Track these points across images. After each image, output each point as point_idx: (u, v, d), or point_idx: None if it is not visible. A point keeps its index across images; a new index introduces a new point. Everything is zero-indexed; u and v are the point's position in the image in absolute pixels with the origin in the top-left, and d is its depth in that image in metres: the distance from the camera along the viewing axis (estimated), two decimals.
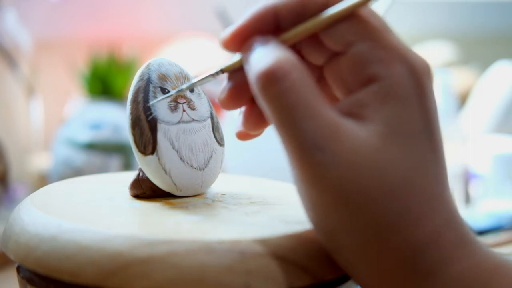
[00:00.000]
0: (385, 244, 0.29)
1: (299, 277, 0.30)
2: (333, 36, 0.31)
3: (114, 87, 0.91)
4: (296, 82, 0.29)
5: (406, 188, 0.29)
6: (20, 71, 0.78)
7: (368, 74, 0.30)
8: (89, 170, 0.69)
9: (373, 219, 0.29)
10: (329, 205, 0.29)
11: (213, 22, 0.83)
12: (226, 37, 0.32)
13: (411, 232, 0.29)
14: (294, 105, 0.29)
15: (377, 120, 0.29)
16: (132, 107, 0.36)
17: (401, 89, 0.29)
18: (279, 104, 0.29)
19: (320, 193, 0.29)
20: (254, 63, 0.30)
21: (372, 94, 0.30)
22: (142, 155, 0.36)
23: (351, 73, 0.31)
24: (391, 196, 0.28)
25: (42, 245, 0.31)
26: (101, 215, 0.34)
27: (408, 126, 0.29)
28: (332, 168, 0.28)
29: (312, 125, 0.28)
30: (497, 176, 0.75)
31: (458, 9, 1.36)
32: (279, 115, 0.29)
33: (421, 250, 0.29)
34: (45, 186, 0.40)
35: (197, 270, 0.29)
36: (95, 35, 1.17)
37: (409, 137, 0.29)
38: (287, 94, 0.29)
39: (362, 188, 0.28)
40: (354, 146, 0.29)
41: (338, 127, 0.29)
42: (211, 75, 0.34)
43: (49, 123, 0.93)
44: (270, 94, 0.29)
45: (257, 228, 0.32)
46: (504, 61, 1.04)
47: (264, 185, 0.43)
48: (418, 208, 0.29)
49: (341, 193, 0.28)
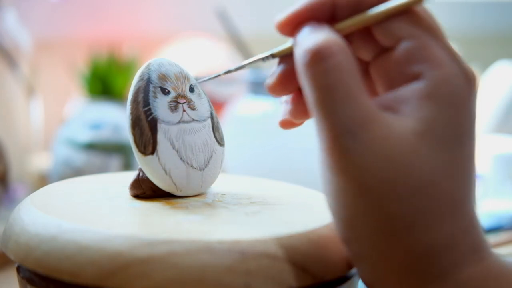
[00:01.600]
0: (398, 242, 0.29)
1: (299, 277, 0.30)
2: (386, 30, 0.31)
3: (114, 87, 0.91)
4: (341, 64, 0.29)
5: (429, 189, 0.29)
6: (20, 71, 0.78)
7: (414, 72, 0.30)
8: (89, 170, 0.69)
9: (391, 214, 0.28)
10: (352, 193, 0.29)
11: (213, 22, 0.83)
12: (281, 20, 0.32)
13: (427, 234, 0.29)
14: (334, 86, 0.29)
15: (415, 118, 0.29)
16: (132, 107, 0.36)
17: (446, 92, 0.29)
18: (320, 83, 0.29)
19: (345, 180, 0.29)
20: (303, 41, 0.30)
21: (415, 91, 0.30)
22: (142, 155, 0.36)
23: (397, 68, 0.31)
24: (413, 194, 0.28)
25: (42, 245, 0.31)
26: (101, 215, 0.34)
27: (445, 129, 0.29)
28: (361, 156, 0.28)
29: (348, 109, 0.28)
30: (497, 176, 0.75)
31: (458, 9, 1.36)
32: (318, 95, 0.29)
33: (435, 252, 0.29)
34: (45, 186, 0.40)
35: (197, 270, 0.29)
36: (95, 35, 1.17)
37: (444, 140, 0.29)
38: (330, 74, 0.29)
39: (386, 180, 0.28)
40: (386, 137, 0.29)
41: (374, 117, 0.29)
42: (261, 59, 0.34)
43: (49, 123, 0.93)
44: (313, 72, 0.29)
45: (257, 228, 0.32)
46: (504, 61, 1.04)
47: (264, 185, 0.43)
48: (438, 210, 0.29)
49: (365, 183, 0.28)
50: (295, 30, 0.32)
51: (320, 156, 0.30)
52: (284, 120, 0.36)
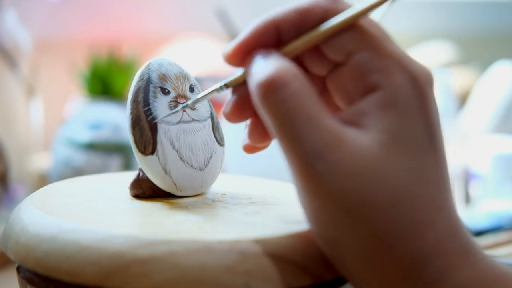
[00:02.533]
0: (387, 255, 0.28)
1: (299, 277, 0.30)
2: (334, 47, 0.31)
3: (114, 87, 0.91)
4: (296, 91, 0.29)
5: (407, 198, 0.29)
6: (20, 71, 0.78)
7: (369, 84, 0.30)
8: (89, 170, 0.69)
9: (375, 230, 0.28)
10: (331, 215, 0.29)
11: (213, 22, 0.83)
12: (229, 52, 0.32)
13: (413, 242, 0.28)
14: (294, 114, 0.29)
15: (378, 129, 0.29)
16: (132, 107, 0.36)
17: (403, 98, 0.29)
18: (279, 113, 0.29)
19: (321, 204, 0.29)
20: (255, 73, 0.30)
21: (373, 103, 0.29)
22: (142, 155, 0.36)
23: (352, 82, 0.30)
24: (392, 206, 0.28)
25: (42, 245, 0.31)
26: (101, 215, 0.34)
27: (409, 135, 0.29)
28: (332, 178, 0.28)
29: (312, 134, 0.28)
30: (497, 176, 0.75)
31: (458, 9, 1.36)
32: (279, 124, 0.29)
33: (423, 260, 0.28)
34: (45, 186, 0.40)
35: (197, 270, 0.29)
36: (95, 35, 1.17)
37: (411, 146, 0.29)
38: (287, 102, 0.29)
39: (362, 198, 0.28)
40: (354, 155, 0.28)
41: (338, 136, 0.29)
42: (215, 90, 0.34)
43: (49, 123, 0.93)
44: (270, 103, 0.29)
45: (257, 228, 0.32)
46: (504, 61, 1.04)
47: (264, 185, 0.43)
48: (420, 218, 0.29)
49: (342, 203, 0.28)
50: (243, 59, 0.32)
51: (292, 182, 0.30)
52: (246, 145, 0.35)
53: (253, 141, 0.35)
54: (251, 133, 0.34)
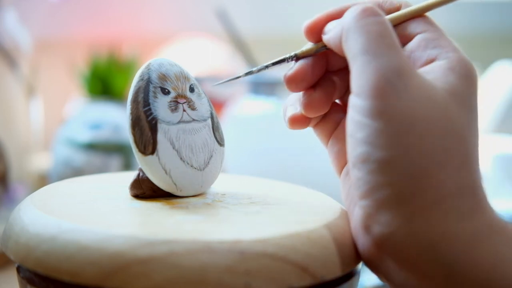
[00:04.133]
0: (430, 179, 0.31)
1: (299, 277, 0.30)
2: (407, 28, 0.36)
3: (114, 87, 0.91)
4: (387, 21, 0.33)
5: (458, 135, 0.32)
6: (20, 71, 0.78)
7: (431, 55, 0.34)
8: (89, 170, 0.69)
9: (429, 151, 0.31)
10: (392, 134, 0.31)
11: (213, 22, 0.83)
12: (311, 22, 0.37)
13: (455, 175, 0.31)
14: (385, 34, 0.33)
15: (441, 82, 0.33)
16: (132, 107, 0.36)
17: (462, 68, 0.34)
18: (373, 31, 0.33)
19: (386, 121, 0.31)
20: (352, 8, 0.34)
21: (435, 67, 0.34)
22: (142, 155, 0.36)
23: (416, 53, 0.35)
24: (448, 136, 0.32)
25: (42, 245, 0.31)
26: (101, 215, 0.34)
27: (463, 95, 0.33)
28: (405, 95, 0.31)
29: (396, 55, 0.32)
30: (497, 176, 0.75)
31: (458, 9, 1.36)
32: (370, 40, 0.32)
33: (460, 193, 0.31)
34: (45, 186, 0.40)
35: (197, 270, 0.29)
36: (95, 35, 1.17)
37: (464, 103, 0.33)
38: (381, 24, 0.33)
39: (428, 119, 0.31)
40: (425, 84, 0.32)
41: (413, 68, 0.33)
42: (285, 59, 0.38)
43: (49, 123, 0.93)
44: (365, 21, 0.33)
45: (257, 228, 0.32)
46: (504, 61, 1.04)
47: (264, 185, 0.43)
48: (465, 156, 0.32)
49: (409, 120, 0.31)
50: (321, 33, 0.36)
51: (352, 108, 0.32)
52: (294, 115, 0.38)
53: (308, 108, 0.37)
54: (307, 100, 0.37)
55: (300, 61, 0.37)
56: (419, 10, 0.36)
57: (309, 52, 0.37)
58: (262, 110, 0.72)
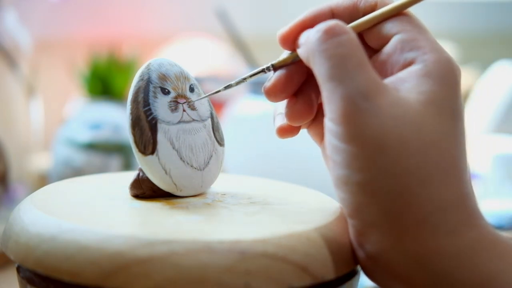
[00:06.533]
0: (414, 198, 0.31)
1: (299, 277, 0.30)
2: (382, 30, 0.35)
3: (114, 87, 0.91)
4: (352, 39, 0.32)
5: (437, 148, 0.31)
6: (20, 71, 0.78)
7: (407, 58, 0.33)
8: (89, 170, 0.69)
9: (407, 169, 0.31)
10: (367, 155, 0.31)
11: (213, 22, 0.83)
12: (284, 31, 0.36)
13: (438, 190, 0.31)
14: (348, 56, 0.32)
15: (417, 91, 0.32)
16: (132, 107, 0.36)
17: (439, 71, 0.33)
18: (335, 55, 0.32)
19: (360, 143, 0.31)
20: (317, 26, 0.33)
21: (412, 73, 0.33)
22: (142, 155, 0.36)
23: (392, 57, 0.34)
24: (427, 149, 0.31)
25: (42, 245, 0.31)
26: (101, 215, 0.34)
27: (442, 102, 0.32)
28: (375, 118, 0.31)
29: (361, 76, 0.31)
30: (497, 176, 0.75)
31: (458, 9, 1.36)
32: (332, 65, 0.32)
33: (446, 208, 0.31)
34: (45, 186, 0.40)
35: (197, 270, 0.29)
36: (95, 35, 1.17)
37: (443, 112, 0.32)
38: (344, 46, 0.32)
39: (401, 138, 0.31)
40: (396, 102, 0.31)
41: (383, 86, 0.32)
42: (262, 70, 0.37)
43: (49, 123, 0.93)
44: (328, 45, 0.32)
45: (257, 228, 0.32)
46: (504, 61, 1.04)
47: (264, 185, 0.43)
48: (446, 169, 0.31)
49: (381, 142, 0.31)
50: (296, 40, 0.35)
51: (328, 131, 0.32)
52: (282, 126, 0.37)
53: (291, 119, 0.37)
54: (290, 111, 0.37)
55: (278, 71, 0.36)
56: (395, 8, 0.35)
57: (286, 62, 0.36)
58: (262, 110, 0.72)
